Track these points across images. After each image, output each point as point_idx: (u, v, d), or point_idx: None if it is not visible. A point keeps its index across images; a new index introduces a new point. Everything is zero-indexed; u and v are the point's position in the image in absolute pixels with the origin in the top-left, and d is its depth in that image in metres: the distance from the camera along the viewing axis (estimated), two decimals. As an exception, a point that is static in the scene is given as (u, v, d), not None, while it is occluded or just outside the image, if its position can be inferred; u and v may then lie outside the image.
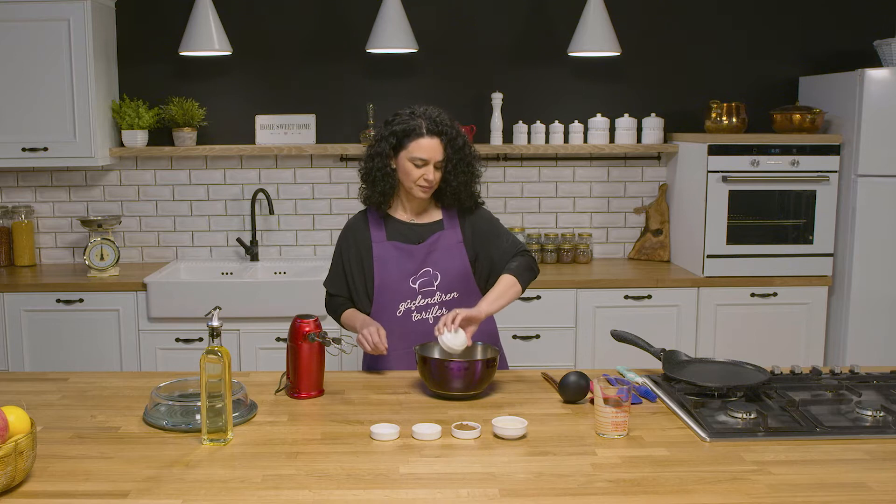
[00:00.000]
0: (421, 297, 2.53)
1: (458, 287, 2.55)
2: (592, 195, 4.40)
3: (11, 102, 3.88)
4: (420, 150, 2.45)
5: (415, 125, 2.46)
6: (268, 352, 3.81)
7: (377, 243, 2.56)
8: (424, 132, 2.46)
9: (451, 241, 2.57)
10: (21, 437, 1.65)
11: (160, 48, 4.21)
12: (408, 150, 2.47)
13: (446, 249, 2.55)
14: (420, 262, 2.53)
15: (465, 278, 2.56)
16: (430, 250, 2.54)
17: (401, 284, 2.52)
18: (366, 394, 2.29)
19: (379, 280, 2.54)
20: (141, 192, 4.31)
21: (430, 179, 2.47)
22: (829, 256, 3.95)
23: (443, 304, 2.53)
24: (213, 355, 1.91)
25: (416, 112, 2.50)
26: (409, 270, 2.53)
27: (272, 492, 1.67)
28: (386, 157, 2.50)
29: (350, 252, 2.60)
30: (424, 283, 2.53)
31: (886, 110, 3.77)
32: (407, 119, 2.48)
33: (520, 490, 1.68)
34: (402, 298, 2.52)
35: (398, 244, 2.54)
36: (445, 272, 2.54)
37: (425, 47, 4.19)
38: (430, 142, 2.46)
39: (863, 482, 1.72)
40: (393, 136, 2.49)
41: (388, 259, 2.54)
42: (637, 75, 4.33)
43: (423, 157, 2.45)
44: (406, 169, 2.48)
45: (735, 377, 2.27)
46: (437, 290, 2.53)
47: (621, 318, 3.80)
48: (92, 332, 3.81)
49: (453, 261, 2.55)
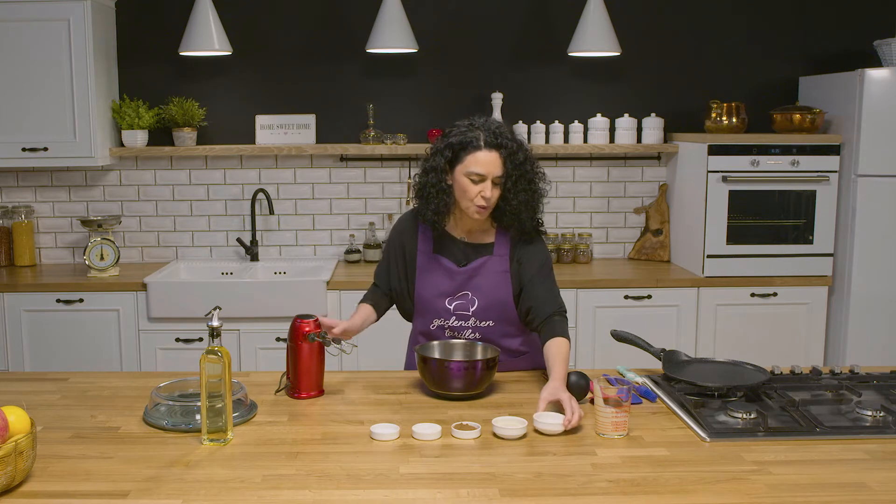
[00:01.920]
0: (455, 318, 2.41)
1: (495, 316, 2.40)
2: (592, 195, 4.40)
3: (11, 102, 3.88)
4: (477, 164, 2.28)
5: (472, 137, 2.29)
6: (268, 352, 3.81)
7: (422, 253, 2.44)
8: (482, 144, 2.28)
9: (497, 269, 2.41)
10: (21, 437, 1.65)
11: (160, 48, 4.21)
12: (464, 164, 2.30)
13: (490, 276, 2.40)
14: (460, 284, 2.40)
15: (504, 308, 2.40)
16: (473, 275, 2.40)
17: (436, 302, 2.42)
18: (366, 394, 2.29)
19: (418, 292, 2.45)
20: (141, 192, 4.31)
21: (488, 197, 2.29)
22: (829, 256, 3.95)
23: (476, 328, 2.41)
24: (213, 355, 1.91)
25: (474, 123, 2.33)
26: (448, 291, 2.41)
27: (272, 492, 1.67)
28: (441, 171, 2.33)
29: (396, 252, 2.50)
30: (460, 306, 2.41)
31: (886, 110, 3.77)
32: (464, 131, 2.32)
33: (520, 490, 1.68)
34: (437, 315, 2.43)
35: (442, 260, 2.42)
36: (484, 299, 2.39)
37: (425, 47, 4.19)
38: (487, 155, 2.28)
39: (863, 482, 1.72)
40: (449, 148, 2.32)
41: (428, 273, 2.43)
42: (637, 75, 4.33)
43: (479, 171, 2.28)
44: (463, 185, 2.31)
45: (735, 377, 2.27)
46: (473, 315, 2.40)
47: (621, 318, 3.80)
48: (92, 332, 3.81)
49: (495, 289, 2.39)
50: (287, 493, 1.67)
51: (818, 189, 3.91)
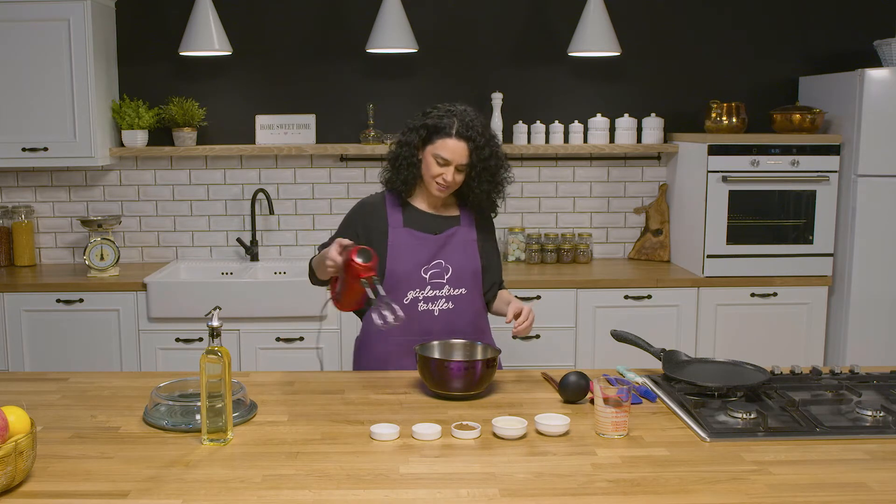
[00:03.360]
0: (430, 287, 2.52)
1: (467, 283, 2.55)
2: (592, 195, 4.40)
3: (11, 102, 3.88)
4: (445, 149, 2.44)
5: (446, 123, 2.45)
6: (268, 352, 3.81)
7: (393, 228, 2.54)
8: (453, 133, 2.44)
9: (467, 238, 2.58)
10: (21, 437, 1.65)
11: (160, 48, 4.21)
12: (434, 146, 2.46)
13: (461, 245, 2.56)
14: (433, 253, 2.52)
15: (474, 276, 2.57)
16: (446, 243, 2.54)
17: (412, 273, 2.51)
18: (366, 394, 2.29)
19: (390, 266, 2.51)
20: (141, 192, 4.31)
21: (448, 180, 2.47)
22: (829, 256, 3.95)
23: (450, 297, 2.53)
24: (213, 355, 1.91)
25: (452, 110, 2.48)
26: (422, 260, 2.51)
27: (272, 492, 1.67)
28: (414, 147, 2.50)
29: (359, 231, 2.57)
30: (435, 274, 2.52)
31: (886, 110, 3.77)
32: (441, 115, 2.47)
33: (520, 490, 1.68)
34: (411, 287, 2.51)
35: (414, 232, 2.54)
36: (457, 267, 2.54)
37: (425, 47, 4.19)
38: (456, 144, 2.44)
39: (863, 482, 1.72)
40: (424, 128, 2.48)
41: (402, 246, 2.52)
42: (637, 75, 4.33)
43: (445, 157, 2.44)
44: (428, 163, 2.48)
45: (735, 377, 2.27)
46: (447, 283, 2.52)
47: (621, 318, 3.81)
48: (92, 332, 3.81)
49: (466, 257, 2.56)
50: (287, 493, 1.67)
51: (818, 189, 3.91)
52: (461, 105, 2.51)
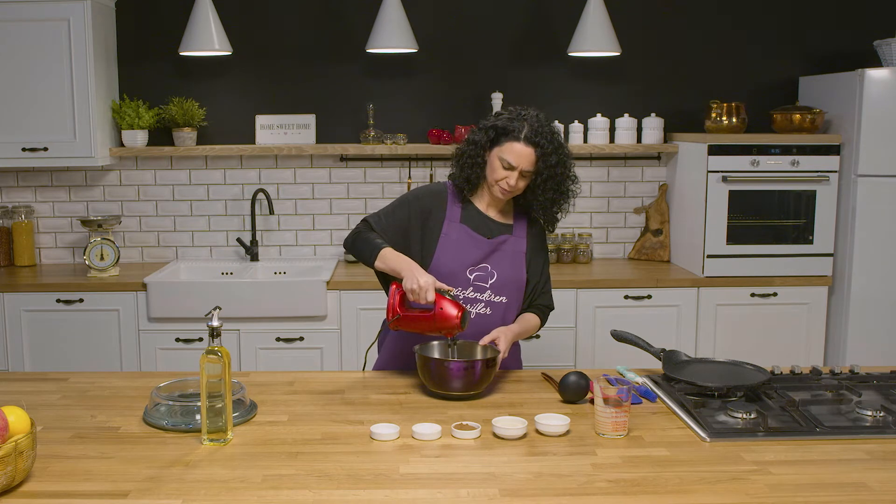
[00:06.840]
0: (472, 289, 2.48)
1: (509, 293, 2.50)
2: (592, 195, 4.40)
3: (11, 102, 3.88)
4: (511, 153, 2.39)
5: (515, 127, 2.40)
6: (268, 352, 3.81)
7: (450, 221, 2.50)
8: (521, 137, 2.39)
9: (516, 249, 2.52)
10: (21, 437, 1.65)
11: (160, 48, 4.21)
12: (500, 149, 2.41)
13: (509, 254, 2.51)
14: (483, 255, 2.48)
15: (517, 287, 2.52)
16: (496, 248, 2.50)
17: (458, 272, 2.46)
18: (366, 394, 2.29)
19: (437, 258, 2.48)
20: (141, 192, 4.31)
21: (511, 185, 2.41)
22: (829, 256, 3.95)
23: (490, 303, 2.48)
24: (213, 355, 1.91)
25: (523, 114, 2.44)
26: (470, 261, 2.47)
27: (272, 492, 1.67)
28: (481, 146, 2.46)
29: (418, 213, 2.52)
30: (479, 277, 2.48)
31: (886, 110, 3.77)
32: (512, 118, 2.43)
33: (520, 490, 1.68)
34: (454, 284, 2.46)
35: (469, 231, 2.49)
36: (503, 275, 2.49)
37: (425, 47, 4.19)
38: (522, 148, 2.39)
39: (863, 482, 1.72)
40: (493, 129, 2.44)
41: (455, 241, 2.48)
42: (637, 75, 4.33)
43: (511, 161, 2.39)
44: (493, 165, 2.43)
45: (735, 377, 2.27)
46: (490, 288, 2.48)
47: (621, 318, 3.81)
48: (92, 332, 3.81)
49: (513, 268, 2.51)
50: (287, 493, 1.67)
51: (818, 189, 3.91)
52: (533, 110, 2.46)
